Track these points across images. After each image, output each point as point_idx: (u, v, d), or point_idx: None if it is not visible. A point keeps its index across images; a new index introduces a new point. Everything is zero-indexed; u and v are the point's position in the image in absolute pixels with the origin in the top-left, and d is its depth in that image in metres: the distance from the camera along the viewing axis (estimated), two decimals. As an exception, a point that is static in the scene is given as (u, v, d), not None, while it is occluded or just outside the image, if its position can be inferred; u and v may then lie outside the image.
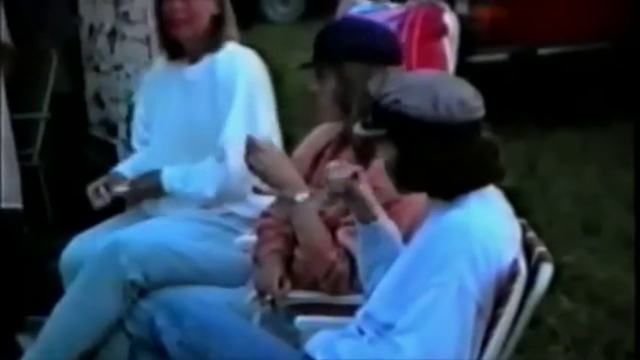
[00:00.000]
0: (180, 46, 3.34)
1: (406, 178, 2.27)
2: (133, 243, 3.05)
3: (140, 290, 3.01)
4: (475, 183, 2.25)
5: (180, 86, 3.34)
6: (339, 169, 2.47)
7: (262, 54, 3.39)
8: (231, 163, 3.12)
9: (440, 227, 2.21)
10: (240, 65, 3.24)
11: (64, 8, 5.01)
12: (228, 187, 3.19)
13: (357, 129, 2.33)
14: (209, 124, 3.23)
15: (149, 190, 3.31)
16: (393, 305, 2.27)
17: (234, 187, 3.19)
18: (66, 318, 3.07)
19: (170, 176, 3.27)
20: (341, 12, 4.42)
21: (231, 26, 3.33)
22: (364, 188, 2.46)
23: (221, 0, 3.30)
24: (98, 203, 3.31)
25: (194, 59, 3.32)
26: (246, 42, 3.40)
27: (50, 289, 3.31)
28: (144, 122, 3.48)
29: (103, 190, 3.31)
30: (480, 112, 2.23)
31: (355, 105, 2.70)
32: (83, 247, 3.24)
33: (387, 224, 2.49)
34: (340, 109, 2.76)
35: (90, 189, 3.34)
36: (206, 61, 3.28)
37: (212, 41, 3.28)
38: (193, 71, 3.31)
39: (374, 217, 2.47)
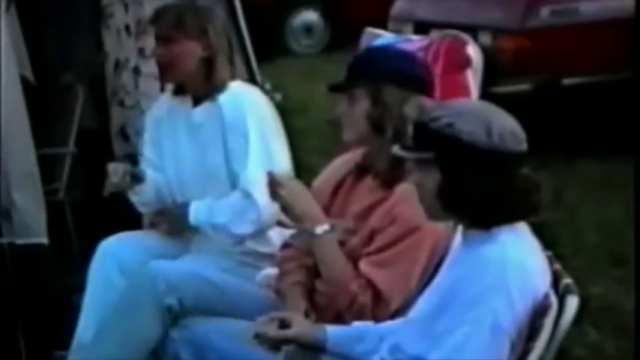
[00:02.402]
0: (182, 85, 3.37)
1: (449, 202, 2.25)
2: (168, 269, 3.07)
3: (173, 317, 3.01)
4: (516, 215, 2.25)
5: (187, 128, 3.35)
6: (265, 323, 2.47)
7: (285, 86, 3.41)
8: (260, 202, 3.14)
9: (474, 262, 2.20)
10: (247, 104, 3.25)
11: (90, 44, 5.05)
12: (261, 225, 3.20)
13: (397, 150, 2.33)
14: (220, 166, 3.25)
15: (177, 218, 3.32)
16: (424, 338, 2.27)
17: (267, 224, 3.21)
18: (107, 345, 3.06)
19: (196, 210, 3.28)
20: (364, 44, 4.43)
21: (226, 67, 3.30)
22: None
23: (209, 42, 3.28)
24: (113, 179, 3.30)
25: (196, 100, 3.33)
26: (269, 75, 3.42)
27: (76, 324, 3.32)
28: (153, 164, 3.49)
29: (123, 172, 3.33)
30: (526, 145, 2.24)
31: (390, 128, 2.72)
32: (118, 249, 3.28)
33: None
34: (372, 131, 2.77)
35: (112, 166, 3.34)
36: (210, 102, 3.29)
37: (209, 83, 3.28)
38: (199, 113, 3.32)
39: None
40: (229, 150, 3.24)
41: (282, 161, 3.22)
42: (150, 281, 3.02)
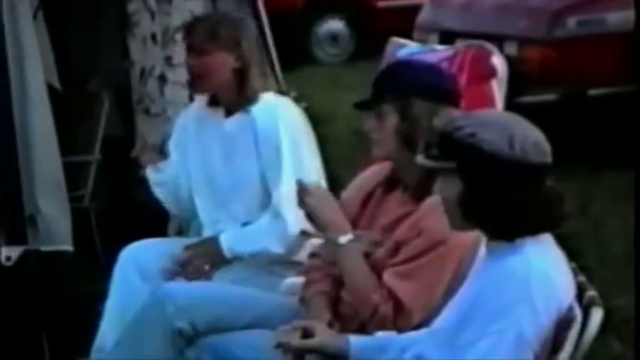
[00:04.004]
0: (215, 95, 3.38)
1: (470, 212, 2.25)
2: (178, 292, 3.06)
3: (187, 339, 3.00)
4: (539, 227, 2.24)
5: (219, 138, 3.35)
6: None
7: (309, 95, 3.41)
8: (289, 220, 3.16)
9: (499, 274, 2.20)
10: (280, 117, 3.25)
11: (116, 52, 5.08)
12: (293, 241, 3.21)
13: (421, 160, 2.33)
14: (252, 176, 3.25)
15: (208, 254, 3.31)
16: (447, 349, 2.26)
17: (297, 240, 3.22)
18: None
19: (228, 241, 3.27)
20: (389, 54, 4.43)
21: (259, 78, 3.30)
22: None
23: (242, 54, 3.29)
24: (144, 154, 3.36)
25: (229, 111, 3.34)
26: (294, 83, 3.42)
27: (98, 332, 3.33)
28: (177, 168, 3.49)
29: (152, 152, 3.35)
30: (550, 157, 2.23)
31: (420, 141, 2.72)
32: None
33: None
34: (402, 146, 2.77)
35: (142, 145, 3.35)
36: (243, 113, 3.29)
37: (241, 94, 3.28)
38: (231, 123, 3.32)
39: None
40: (262, 162, 3.25)
41: (313, 173, 3.21)
42: (159, 305, 3.02)
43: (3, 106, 3.83)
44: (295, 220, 3.10)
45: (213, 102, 3.40)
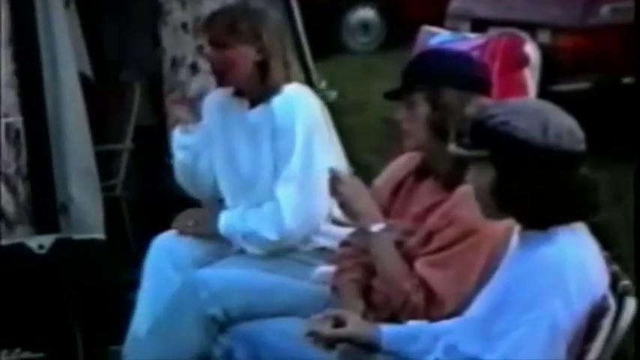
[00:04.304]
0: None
1: (504, 201, 2.23)
2: (212, 278, 3.07)
3: (220, 326, 3.01)
4: (573, 215, 2.22)
5: (243, 129, 3.36)
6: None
7: (340, 84, 3.40)
8: (286, 206, 3.17)
9: (532, 263, 2.18)
10: (297, 109, 3.24)
11: (148, 41, 5.09)
12: (287, 231, 3.20)
13: (454, 149, 2.31)
14: (269, 168, 3.25)
15: (204, 221, 3.36)
16: (480, 338, 2.25)
17: (293, 231, 3.21)
18: (149, 350, 3.09)
19: (226, 217, 3.31)
20: (420, 42, 4.41)
21: (282, 69, 3.30)
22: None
23: (263, 46, 3.28)
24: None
25: (253, 102, 3.34)
26: (325, 72, 3.41)
27: (131, 320, 3.34)
28: (203, 142, 3.48)
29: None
30: (584, 145, 2.21)
31: (452, 130, 2.71)
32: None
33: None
34: (433, 135, 2.76)
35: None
36: (265, 104, 3.29)
37: (264, 86, 3.28)
38: (253, 115, 3.33)
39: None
40: (276, 152, 3.25)
41: (320, 170, 3.18)
42: (192, 291, 3.03)
43: (36, 95, 3.85)
44: (294, 210, 3.12)
45: (238, 92, 3.40)
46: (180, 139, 3.49)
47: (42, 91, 3.85)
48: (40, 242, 3.83)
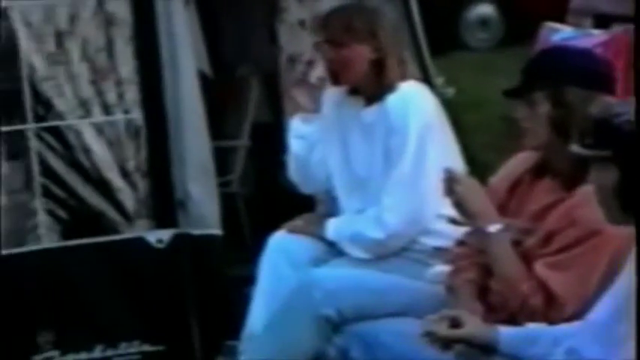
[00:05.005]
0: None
1: (628, 202, 2.17)
2: (326, 278, 3.08)
3: (334, 326, 3.01)
4: None
5: (358, 127, 3.35)
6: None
7: (458, 80, 3.35)
8: (390, 206, 3.17)
9: None
10: (412, 107, 3.22)
11: (265, 38, 5.12)
12: (392, 231, 3.19)
13: (577, 149, 2.26)
14: (382, 167, 3.23)
15: (312, 223, 3.40)
16: (603, 342, 2.21)
17: (399, 231, 3.20)
18: (264, 348, 3.10)
19: (334, 222, 3.33)
20: (542, 39, 4.32)
21: (397, 67, 3.27)
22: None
23: (379, 45, 3.26)
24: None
25: (368, 100, 3.32)
26: (443, 69, 3.37)
27: (247, 314, 3.36)
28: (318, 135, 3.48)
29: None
30: None
31: (574, 129, 2.65)
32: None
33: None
34: (554, 134, 2.70)
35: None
36: (380, 103, 3.27)
37: (379, 85, 3.26)
38: (369, 113, 3.31)
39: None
40: (389, 151, 3.23)
41: (432, 171, 3.14)
42: (306, 291, 3.04)
43: (156, 92, 3.92)
44: (401, 210, 3.12)
45: (353, 91, 3.39)
46: (298, 128, 3.49)
47: (162, 88, 3.91)
48: (158, 237, 3.90)
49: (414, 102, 3.24)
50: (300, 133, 3.48)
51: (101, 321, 3.87)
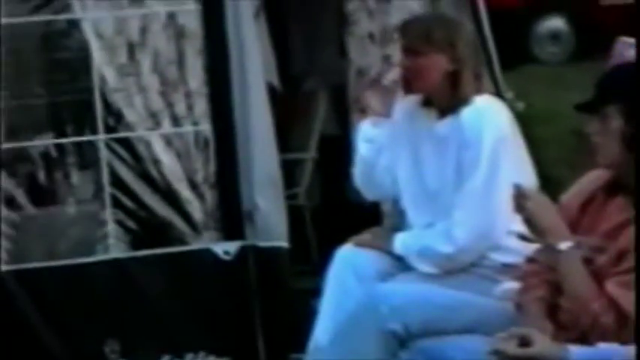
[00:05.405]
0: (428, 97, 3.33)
1: None
2: (393, 293, 3.06)
3: (400, 341, 2.99)
4: None
5: (431, 140, 3.32)
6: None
7: (528, 94, 3.31)
8: (461, 220, 3.13)
9: None
10: (487, 122, 3.19)
11: (334, 51, 5.12)
12: (461, 245, 3.16)
13: None
14: (453, 180, 3.20)
15: (380, 237, 3.37)
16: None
17: (467, 246, 3.17)
18: (337, 357, 3.09)
19: (403, 236, 3.30)
20: (616, 53, 4.25)
21: (473, 81, 3.24)
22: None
23: (456, 56, 3.23)
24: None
25: (441, 112, 3.29)
26: (513, 83, 3.33)
27: (313, 327, 3.35)
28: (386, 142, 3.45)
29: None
30: None
31: None
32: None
33: None
34: (626, 149, 2.66)
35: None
36: (454, 116, 3.24)
37: (454, 97, 3.23)
38: (442, 126, 3.28)
39: None
40: (461, 165, 3.20)
41: (504, 187, 3.09)
42: (373, 306, 3.02)
43: (224, 104, 3.94)
44: (471, 224, 3.09)
45: (426, 102, 3.37)
46: (367, 131, 3.47)
47: (231, 101, 3.93)
48: (225, 248, 3.91)
49: (489, 116, 3.21)
50: (369, 136, 3.47)
51: (168, 331, 3.89)
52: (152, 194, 3.92)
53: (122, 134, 3.91)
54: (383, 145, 3.43)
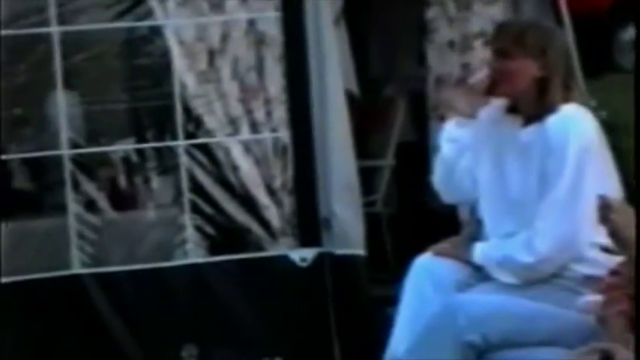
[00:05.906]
0: (514, 103, 3.29)
1: None
2: (471, 304, 3.03)
3: (478, 353, 2.96)
4: None
5: (515, 147, 3.27)
6: None
7: (611, 103, 3.25)
8: (542, 230, 3.08)
9: None
10: (572, 130, 3.13)
11: (413, 58, 5.10)
12: (542, 255, 3.10)
13: None
14: (537, 189, 3.15)
15: (459, 247, 3.34)
16: None
17: (549, 256, 3.10)
18: None
19: (482, 246, 3.25)
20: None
21: (559, 90, 3.18)
22: None
23: (547, 63, 3.18)
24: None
25: (527, 119, 3.24)
26: (596, 92, 3.27)
27: (389, 336, 3.33)
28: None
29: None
30: None
31: None
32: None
33: None
34: None
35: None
36: (539, 123, 3.19)
37: (541, 104, 3.18)
38: (527, 133, 3.23)
39: None
40: (545, 173, 3.15)
41: (589, 197, 3.03)
42: (450, 316, 2.99)
43: (303, 111, 3.95)
44: (553, 234, 3.04)
45: (512, 109, 3.33)
46: (452, 131, 3.43)
47: (310, 108, 3.94)
48: (302, 255, 3.92)
49: (575, 124, 3.16)
50: (453, 136, 3.43)
51: (244, 336, 3.91)
52: (230, 200, 3.94)
53: (201, 140, 3.94)
54: (466, 146, 3.39)
